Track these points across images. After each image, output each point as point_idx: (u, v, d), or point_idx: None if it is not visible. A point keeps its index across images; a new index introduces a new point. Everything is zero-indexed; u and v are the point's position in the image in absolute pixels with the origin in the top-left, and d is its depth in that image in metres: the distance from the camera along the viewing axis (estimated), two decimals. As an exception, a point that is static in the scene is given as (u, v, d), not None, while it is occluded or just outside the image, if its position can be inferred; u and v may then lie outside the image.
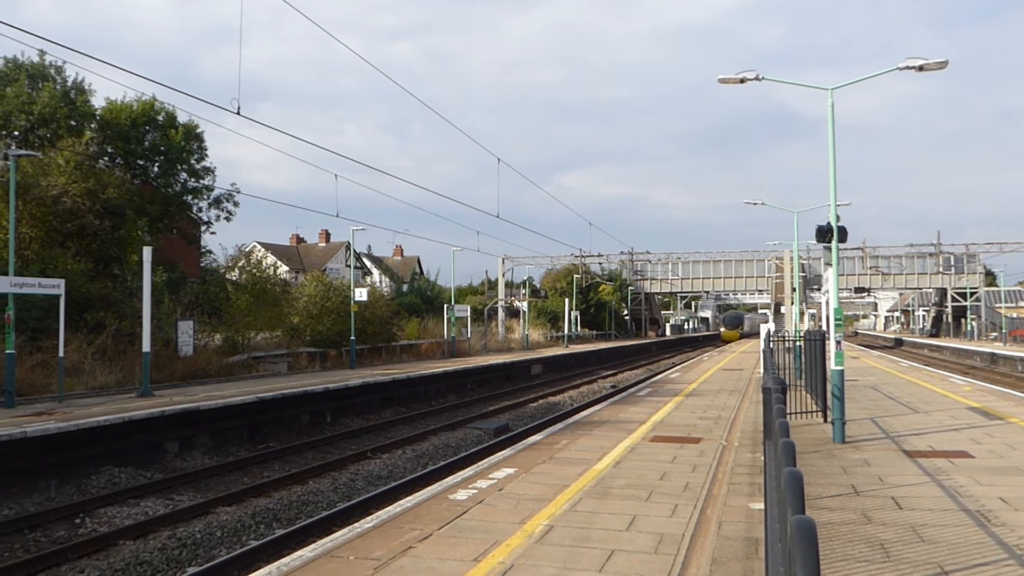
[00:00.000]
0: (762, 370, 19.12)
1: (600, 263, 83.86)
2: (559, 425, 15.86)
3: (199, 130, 36.58)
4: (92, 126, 33.08)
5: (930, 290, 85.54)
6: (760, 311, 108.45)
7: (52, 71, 32.87)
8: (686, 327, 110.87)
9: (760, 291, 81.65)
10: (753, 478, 10.28)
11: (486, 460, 11.81)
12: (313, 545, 7.34)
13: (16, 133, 30.62)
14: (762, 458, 10.50)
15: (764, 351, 18.73)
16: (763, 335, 24.43)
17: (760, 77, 15.70)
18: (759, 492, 9.25)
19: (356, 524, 8.06)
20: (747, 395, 21.48)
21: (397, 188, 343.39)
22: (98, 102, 34.72)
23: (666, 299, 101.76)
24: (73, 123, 32.12)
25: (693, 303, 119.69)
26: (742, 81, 15.78)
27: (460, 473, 10.78)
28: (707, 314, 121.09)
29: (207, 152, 37.28)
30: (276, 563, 6.85)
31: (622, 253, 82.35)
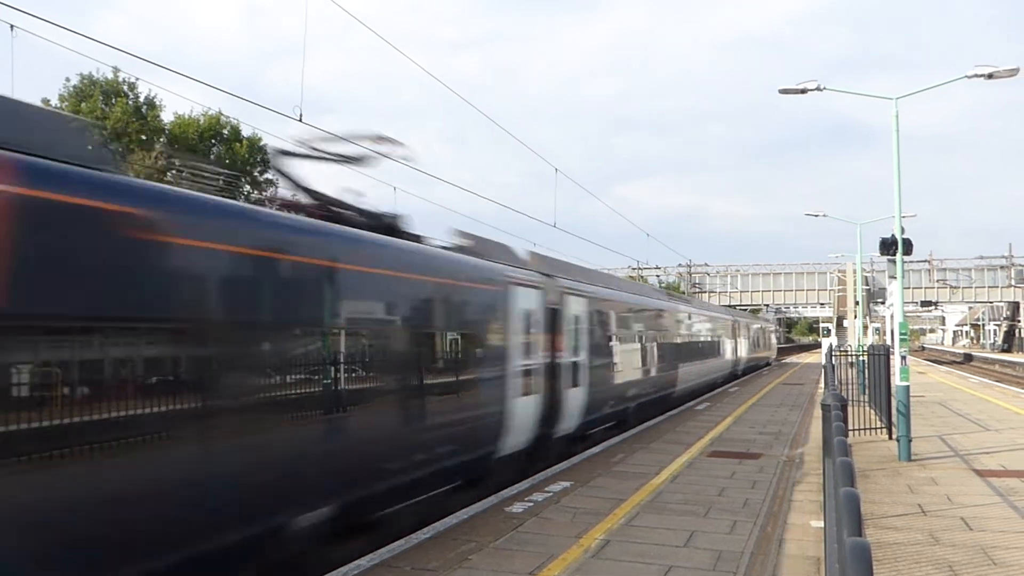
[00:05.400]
0: (823, 385, 18.74)
1: (658, 275, 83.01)
2: (616, 439, 15.76)
3: (263, 143, 37.51)
4: (161, 140, 34.15)
5: (1001, 304, 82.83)
6: (822, 325, 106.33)
7: (125, 87, 34.04)
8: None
9: (822, 304, 80.00)
10: (815, 495, 10.08)
11: (542, 473, 11.79)
12: (370, 555, 7.41)
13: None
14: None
15: (825, 366, 18.35)
16: (825, 349, 23.95)
17: (821, 87, 15.48)
18: (821, 510, 9.07)
19: (413, 535, 8.12)
20: (808, 410, 21.06)
21: (455, 199, 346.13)
22: (167, 116, 35.87)
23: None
24: (144, 137, 33.18)
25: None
26: (803, 91, 15.58)
27: (516, 485, 10.78)
28: None
29: (271, 164, 38.14)
30: (331, 573, 6.93)
31: (680, 265, 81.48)
